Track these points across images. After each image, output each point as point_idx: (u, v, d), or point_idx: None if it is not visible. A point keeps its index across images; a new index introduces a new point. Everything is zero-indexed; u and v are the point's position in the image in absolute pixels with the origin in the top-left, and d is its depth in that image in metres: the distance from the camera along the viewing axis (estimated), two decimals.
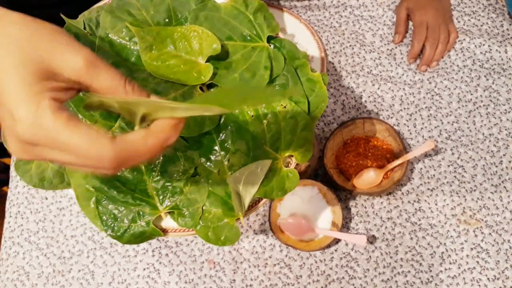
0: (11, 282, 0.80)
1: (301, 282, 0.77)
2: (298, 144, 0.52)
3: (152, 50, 0.51)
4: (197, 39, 0.52)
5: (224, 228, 0.50)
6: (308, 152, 0.52)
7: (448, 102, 0.87)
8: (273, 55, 0.54)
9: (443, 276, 0.76)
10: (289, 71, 0.54)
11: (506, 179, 0.81)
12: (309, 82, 0.54)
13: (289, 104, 0.52)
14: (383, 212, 0.80)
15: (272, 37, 0.56)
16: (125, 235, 0.50)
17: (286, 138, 0.52)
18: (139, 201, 0.51)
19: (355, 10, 0.94)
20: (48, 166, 0.54)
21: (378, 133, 0.82)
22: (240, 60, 0.54)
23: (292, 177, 0.52)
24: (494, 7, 0.93)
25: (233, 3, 0.56)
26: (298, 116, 0.52)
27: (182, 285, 0.78)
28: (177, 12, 0.55)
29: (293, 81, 0.53)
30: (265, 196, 0.51)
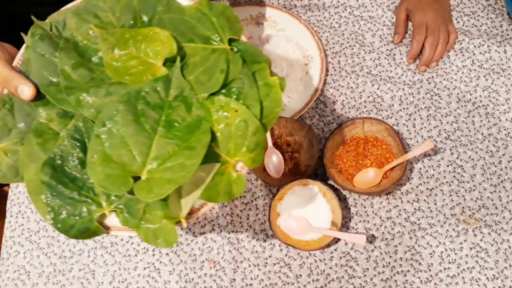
0: (12, 282, 0.80)
1: (301, 281, 0.77)
2: (248, 148, 0.52)
3: (114, 51, 0.52)
4: (156, 41, 0.52)
5: (163, 230, 0.51)
6: (259, 157, 0.52)
7: (448, 102, 0.87)
8: (232, 58, 0.54)
9: (442, 276, 0.76)
10: (246, 75, 0.53)
11: (505, 179, 0.81)
12: (266, 86, 0.53)
13: (240, 108, 0.51)
14: (382, 212, 0.80)
15: (235, 39, 0.56)
16: (71, 230, 0.52)
17: (236, 142, 0.52)
18: (85, 198, 0.52)
19: (354, 11, 0.95)
20: (3, 160, 0.55)
21: (377, 133, 0.82)
22: (198, 63, 0.54)
23: (240, 182, 0.52)
24: (493, 7, 0.93)
25: (197, 5, 0.56)
26: (249, 121, 0.51)
27: (182, 284, 0.78)
28: (143, 14, 0.55)
29: (248, 84, 0.53)
30: (209, 199, 0.51)
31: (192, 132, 0.51)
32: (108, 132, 0.49)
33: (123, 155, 0.49)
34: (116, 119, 0.50)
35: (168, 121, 0.51)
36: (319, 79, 0.87)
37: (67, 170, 0.52)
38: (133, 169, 0.49)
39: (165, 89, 0.52)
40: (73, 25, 0.55)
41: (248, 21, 0.95)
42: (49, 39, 0.54)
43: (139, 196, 0.47)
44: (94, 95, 0.52)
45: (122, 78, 0.52)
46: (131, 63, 0.52)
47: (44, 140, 0.53)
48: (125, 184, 0.48)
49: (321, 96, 0.89)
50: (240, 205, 0.82)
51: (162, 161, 0.49)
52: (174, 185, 0.47)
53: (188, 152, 0.49)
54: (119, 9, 0.55)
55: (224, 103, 0.52)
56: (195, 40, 0.55)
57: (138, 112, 0.50)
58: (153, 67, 0.52)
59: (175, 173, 0.48)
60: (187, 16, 0.55)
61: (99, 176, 0.48)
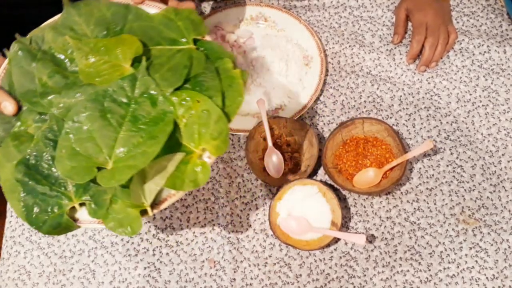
0: (12, 282, 0.80)
1: (301, 281, 0.77)
2: (212, 137, 0.55)
3: (88, 58, 0.57)
4: (125, 46, 0.58)
5: (128, 218, 0.54)
6: (223, 144, 0.54)
7: (447, 102, 0.87)
8: (195, 56, 0.59)
9: (442, 275, 0.77)
10: (209, 69, 0.58)
11: (505, 179, 0.82)
12: (228, 78, 0.58)
13: (204, 99, 0.55)
14: (382, 212, 0.81)
15: (200, 40, 0.61)
16: (44, 226, 0.55)
17: (200, 131, 0.55)
18: (56, 193, 0.55)
19: (354, 11, 0.95)
20: None
21: (377, 133, 0.82)
22: (164, 62, 0.58)
23: (204, 170, 0.54)
24: (493, 7, 0.93)
25: (164, 12, 0.62)
26: (212, 110, 0.55)
27: (182, 284, 0.78)
28: (115, 25, 0.61)
29: (211, 77, 0.57)
30: (174, 187, 0.54)
31: (156, 124, 0.54)
32: (76, 128, 0.54)
33: (89, 148, 0.53)
34: (83, 116, 0.54)
35: (134, 116, 0.55)
36: (319, 79, 0.87)
37: (40, 168, 0.56)
38: (99, 161, 0.53)
39: (131, 86, 0.56)
40: (50, 38, 0.60)
41: (248, 21, 0.95)
42: (28, 52, 0.60)
43: (101, 183, 0.51)
44: (65, 96, 0.57)
45: (93, 80, 0.57)
46: (103, 67, 0.57)
47: (20, 142, 0.58)
48: (89, 173, 0.52)
49: (321, 96, 0.89)
50: (240, 205, 0.82)
51: (127, 151, 0.53)
52: (132, 170, 0.51)
53: (151, 141, 0.53)
54: (93, 21, 0.60)
55: (187, 95, 0.56)
56: (162, 43, 0.60)
57: (105, 109, 0.55)
58: (122, 68, 0.57)
59: (136, 160, 0.52)
60: (155, 23, 0.61)
61: (65, 168, 0.52)
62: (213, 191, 0.83)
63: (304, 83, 0.89)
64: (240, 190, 0.83)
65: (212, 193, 0.83)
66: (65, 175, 0.53)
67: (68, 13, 0.61)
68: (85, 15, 0.61)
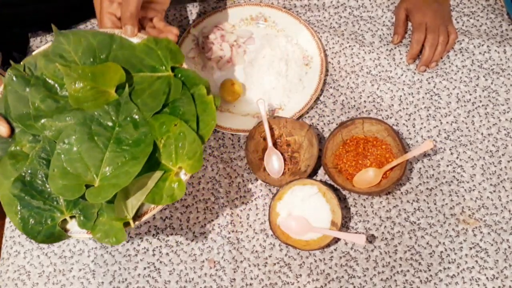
0: (12, 282, 0.80)
1: (301, 281, 0.77)
2: (187, 156, 0.61)
3: (76, 84, 0.62)
4: (110, 73, 0.63)
5: (113, 230, 0.60)
6: (197, 163, 0.61)
7: (447, 102, 0.87)
8: (173, 82, 0.65)
9: (442, 275, 0.77)
10: (185, 95, 0.64)
11: (505, 179, 0.82)
12: (203, 104, 0.64)
13: (180, 123, 0.62)
14: (382, 212, 0.80)
15: (177, 67, 0.67)
16: (39, 236, 0.61)
17: (177, 152, 0.62)
18: (49, 206, 0.62)
19: (354, 11, 0.95)
20: None
21: (377, 133, 0.82)
22: (145, 88, 0.64)
23: (180, 186, 0.61)
24: (493, 7, 0.93)
25: (145, 41, 0.67)
26: (187, 133, 0.61)
27: (182, 284, 0.78)
28: (101, 53, 0.66)
29: (187, 103, 0.64)
30: (154, 202, 0.61)
31: (138, 145, 0.61)
32: (66, 149, 0.60)
33: (78, 167, 0.60)
34: (73, 138, 0.60)
35: (118, 138, 0.62)
36: (319, 79, 0.87)
37: (35, 185, 0.62)
38: (87, 179, 0.59)
39: (115, 111, 0.63)
40: (42, 65, 0.65)
41: (248, 21, 0.95)
42: (22, 78, 0.65)
43: (89, 199, 0.58)
44: (57, 120, 0.62)
45: (81, 105, 0.62)
46: (90, 92, 0.62)
47: (16, 160, 0.63)
48: (79, 191, 0.58)
49: (321, 96, 0.89)
50: (240, 205, 0.82)
51: (112, 171, 0.60)
52: (116, 188, 0.58)
53: (133, 161, 0.60)
54: (81, 50, 0.66)
55: (166, 119, 0.63)
56: (144, 70, 0.66)
57: (92, 132, 0.61)
58: (107, 94, 0.63)
59: (119, 179, 0.58)
60: (137, 51, 0.67)
61: (57, 186, 0.59)
62: (213, 191, 0.83)
63: (304, 83, 0.89)
64: (240, 190, 0.83)
65: (212, 193, 0.83)
66: (57, 192, 0.59)
67: (58, 41, 0.66)
68: (74, 43, 0.66)
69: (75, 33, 0.67)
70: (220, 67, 0.92)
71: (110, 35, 0.68)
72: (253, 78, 0.89)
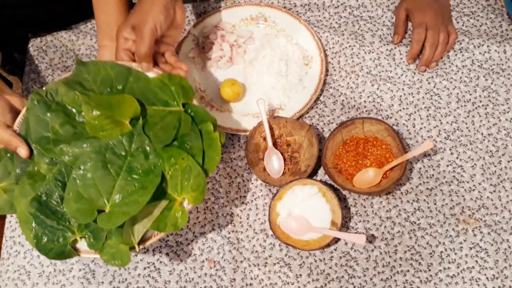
0: (12, 282, 0.80)
1: (301, 281, 0.77)
2: (192, 189, 0.66)
3: (93, 112, 0.66)
4: (125, 105, 0.67)
5: (119, 252, 0.64)
6: (200, 195, 0.66)
7: (447, 102, 0.87)
8: (183, 118, 0.69)
9: (442, 275, 0.77)
10: (194, 131, 0.69)
11: (505, 179, 0.82)
12: (209, 140, 0.69)
13: (187, 157, 0.66)
14: (382, 212, 0.80)
15: (187, 103, 0.71)
16: (50, 253, 0.65)
17: (182, 183, 0.66)
18: (62, 226, 0.65)
19: (354, 11, 0.95)
20: (2, 196, 0.69)
21: (377, 133, 0.82)
22: (157, 121, 0.69)
23: (183, 215, 0.66)
24: (493, 7, 0.93)
25: (160, 77, 0.72)
26: (193, 166, 0.66)
27: (182, 284, 0.78)
28: (118, 84, 0.70)
29: (195, 138, 0.68)
30: (158, 229, 0.65)
31: (147, 175, 0.65)
32: (82, 175, 0.64)
33: (92, 193, 0.64)
34: (88, 165, 0.65)
35: (129, 167, 0.66)
36: (319, 79, 0.87)
37: (50, 205, 0.66)
38: (99, 204, 0.64)
39: (129, 142, 0.67)
40: (63, 92, 0.69)
41: (248, 21, 0.95)
42: (44, 103, 0.69)
43: (101, 225, 0.62)
44: (74, 146, 0.66)
45: (97, 133, 0.66)
46: (106, 121, 0.66)
47: (34, 180, 0.67)
48: (91, 215, 0.63)
49: (321, 96, 0.89)
50: (240, 205, 0.82)
51: (122, 198, 0.64)
52: (126, 216, 0.62)
53: (142, 191, 0.64)
54: (99, 79, 0.70)
55: (175, 152, 0.67)
56: (157, 104, 0.70)
57: (106, 160, 0.65)
58: (122, 124, 0.67)
59: (129, 207, 0.62)
60: (152, 85, 0.71)
61: (72, 209, 0.63)
62: (213, 191, 0.83)
63: (304, 83, 0.89)
64: (240, 190, 0.83)
65: (212, 193, 0.83)
66: (72, 215, 0.63)
67: (79, 70, 0.71)
68: (93, 73, 0.70)
69: (95, 63, 0.72)
70: (220, 67, 0.92)
71: (127, 68, 0.72)
72: (253, 78, 0.89)
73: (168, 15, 0.74)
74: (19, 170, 0.69)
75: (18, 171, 0.69)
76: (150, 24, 0.72)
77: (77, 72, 0.71)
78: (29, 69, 0.95)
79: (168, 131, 0.68)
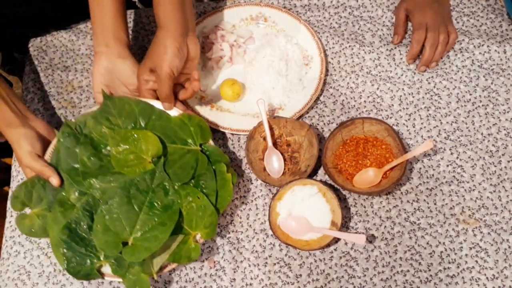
0: (12, 282, 0.80)
1: (301, 281, 0.77)
2: (204, 226, 0.72)
3: (119, 146, 0.72)
4: (148, 142, 0.73)
5: (140, 280, 0.70)
6: (212, 232, 0.72)
7: (447, 102, 0.87)
8: (200, 158, 0.75)
9: (442, 275, 0.77)
10: (209, 171, 0.75)
11: (505, 179, 0.82)
12: (222, 180, 0.75)
13: (202, 196, 0.72)
14: (382, 212, 0.80)
15: (204, 143, 0.77)
16: (78, 274, 0.71)
17: (197, 220, 0.72)
18: (90, 253, 0.71)
19: (354, 11, 0.95)
20: (36, 222, 0.74)
21: (377, 133, 0.82)
22: (176, 160, 0.74)
23: (196, 249, 0.72)
24: (493, 7, 0.93)
25: (181, 117, 0.77)
26: (207, 206, 0.72)
27: (182, 284, 0.78)
28: (141, 120, 0.76)
29: (210, 178, 0.74)
30: (174, 261, 0.72)
31: (166, 211, 0.71)
32: (108, 209, 0.70)
33: (117, 226, 0.70)
34: (115, 200, 0.70)
35: (150, 202, 0.71)
36: (319, 79, 0.87)
37: (79, 232, 0.72)
38: (123, 237, 0.69)
39: (150, 179, 0.72)
40: (91, 125, 0.75)
41: (248, 21, 0.95)
42: (73, 136, 0.75)
43: (126, 257, 0.68)
44: (101, 181, 0.72)
45: (122, 169, 0.72)
46: (130, 157, 0.73)
47: (65, 209, 0.73)
48: (117, 248, 0.69)
49: (321, 96, 0.89)
50: (240, 205, 0.82)
51: (143, 232, 0.70)
52: (148, 252, 0.68)
53: (161, 227, 0.70)
54: (124, 115, 0.76)
55: (191, 191, 0.73)
56: (176, 142, 0.76)
57: (130, 195, 0.71)
58: (144, 161, 0.73)
59: (150, 243, 0.69)
60: (172, 124, 0.77)
61: (100, 241, 0.69)
62: None
63: (304, 83, 0.89)
64: (240, 190, 0.83)
65: None
66: (100, 247, 0.70)
67: (106, 104, 0.77)
68: (119, 108, 0.76)
69: (121, 99, 0.77)
70: (220, 67, 0.92)
71: (150, 106, 0.78)
72: (253, 78, 0.89)
73: (183, 56, 0.77)
74: (51, 196, 0.74)
75: (50, 197, 0.74)
76: (167, 70, 0.75)
77: (104, 106, 0.77)
78: (29, 69, 0.95)
79: (186, 170, 0.74)
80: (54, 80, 0.93)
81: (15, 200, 0.76)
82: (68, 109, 0.91)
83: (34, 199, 0.76)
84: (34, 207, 0.75)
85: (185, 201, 0.73)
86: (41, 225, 0.74)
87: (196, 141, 0.76)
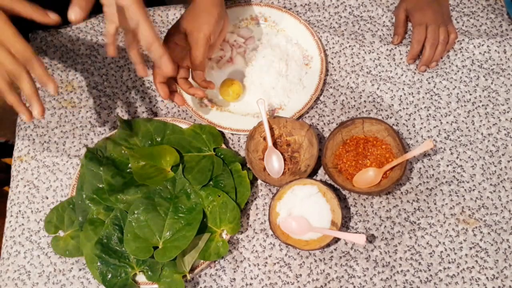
0: (12, 281, 0.80)
1: (301, 281, 0.77)
2: (228, 221, 0.76)
3: (139, 163, 0.78)
4: (166, 154, 0.79)
5: (174, 282, 0.74)
6: (236, 226, 0.76)
7: (447, 102, 0.87)
8: (216, 161, 0.80)
9: (442, 275, 0.77)
10: (225, 171, 0.80)
11: (505, 179, 0.82)
12: (239, 177, 0.80)
13: (223, 194, 0.77)
14: (382, 212, 0.80)
15: (217, 147, 0.83)
16: (115, 286, 0.74)
17: (221, 217, 0.77)
18: (123, 263, 0.75)
19: (354, 11, 0.95)
20: (70, 242, 0.78)
21: (377, 133, 0.82)
22: (194, 166, 0.80)
23: (224, 245, 0.76)
24: (493, 7, 0.93)
25: (192, 127, 0.84)
26: (228, 202, 0.77)
27: None
28: (156, 137, 0.83)
29: (227, 177, 0.79)
30: (204, 259, 0.76)
31: (191, 213, 0.76)
32: (136, 219, 0.75)
33: (146, 233, 0.74)
34: (141, 209, 0.75)
35: (175, 207, 0.77)
36: (319, 79, 0.87)
37: (111, 246, 0.76)
38: (153, 242, 0.74)
39: (172, 186, 0.78)
40: (111, 148, 0.82)
41: (248, 21, 0.95)
42: (96, 159, 0.81)
43: (157, 259, 0.72)
44: (126, 194, 0.78)
45: (144, 181, 0.78)
46: (150, 170, 0.78)
47: (95, 226, 0.77)
48: (148, 252, 0.73)
49: (321, 96, 0.89)
50: None
51: (172, 235, 0.74)
52: (178, 250, 0.72)
53: (188, 227, 0.74)
54: (140, 134, 0.83)
55: (211, 191, 0.78)
56: (192, 151, 0.82)
57: (155, 203, 0.76)
58: (164, 171, 0.79)
59: (179, 242, 0.73)
60: (186, 135, 0.83)
61: (131, 248, 0.73)
62: None
63: (304, 83, 0.89)
64: None
65: None
66: (132, 253, 0.73)
67: (122, 128, 0.83)
68: (135, 129, 0.83)
69: (135, 121, 0.84)
70: (220, 67, 0.92)
71: (164, 122, 0.84)
72: (253, 78, 0.89)
73: (220, 26, 0.76)
74: (81, 218, 0.78)
75: (80, 219, 0.78)
76: (206, 33, 0.73)
77: (121, 129, 0.83)
78: None
79: (204, 173, 0.79)
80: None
81: (48, 224, 0.80)
82: (68, 109, 0.91)
83: (66, 222, 0.80)
84: (66, 229, 0.79)
85: (207, 201, 0.77)
86: (75, 245, 0.78)
87: (209, 147, 0.82)
